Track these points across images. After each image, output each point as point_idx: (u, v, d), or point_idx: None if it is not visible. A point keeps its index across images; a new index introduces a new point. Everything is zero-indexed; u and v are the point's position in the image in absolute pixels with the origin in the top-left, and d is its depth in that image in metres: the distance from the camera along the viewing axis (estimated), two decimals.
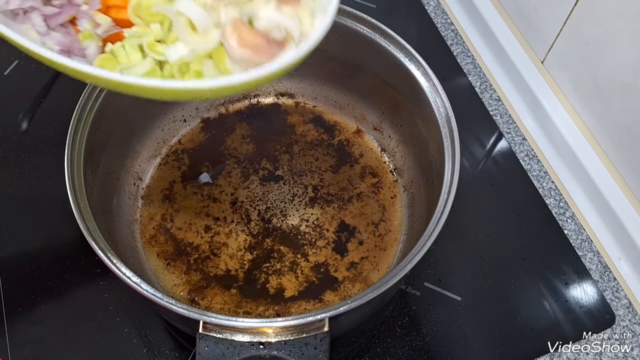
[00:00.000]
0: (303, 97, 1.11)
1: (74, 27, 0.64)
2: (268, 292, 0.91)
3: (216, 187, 1.01)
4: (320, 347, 0.67)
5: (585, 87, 1.05)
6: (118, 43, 0.62)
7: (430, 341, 0.92)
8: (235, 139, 1.07)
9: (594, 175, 1.04)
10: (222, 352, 0.67)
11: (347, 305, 0.68)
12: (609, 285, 1.00)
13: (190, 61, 0.60)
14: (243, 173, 1.03)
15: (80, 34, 0.64)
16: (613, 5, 0.93)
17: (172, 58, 0.59)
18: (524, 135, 1.15)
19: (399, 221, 1.00)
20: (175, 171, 1.03)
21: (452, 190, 0.78)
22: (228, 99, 1.10)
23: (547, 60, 1.14)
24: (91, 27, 0.63)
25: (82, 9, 0.64)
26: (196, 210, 0.98)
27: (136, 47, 0.61)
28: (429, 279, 0.97)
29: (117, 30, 0.64)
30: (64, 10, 0.64)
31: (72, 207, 0.75)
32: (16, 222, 1.00)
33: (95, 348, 0.89)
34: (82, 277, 0.95)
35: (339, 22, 0.94)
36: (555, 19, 1.06)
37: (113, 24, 0.64)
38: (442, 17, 1.31)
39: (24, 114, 1.13)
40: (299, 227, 0.97)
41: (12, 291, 0.94)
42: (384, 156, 1.07)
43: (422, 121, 0.92)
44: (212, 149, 1.06)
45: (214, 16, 0.59)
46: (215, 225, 0.97)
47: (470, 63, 1.24)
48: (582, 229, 1.05)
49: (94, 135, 0.84)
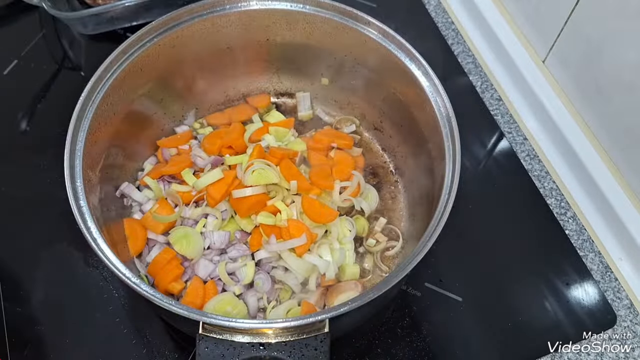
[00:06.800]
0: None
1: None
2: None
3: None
4: (320, 348, 0.67)
5: (586, 86, 1.05)
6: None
7: (430, 342, 0.92)
8: None
9: (596, 176, 1.04)
10: (222, 353, 0.66)
11: (347, 306, 0.68)
12: (610, 286, 0.99)
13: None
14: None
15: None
16: (614, 5, 0.93)
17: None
18: (525, 135, 1.15)
19: (399, 221, 0.99)
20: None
21: (452, 191, 0.78)
22: (228, 99, 1.10)
23: (548, 59, 1.13)
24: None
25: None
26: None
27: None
28: (429, 279, 0.97)
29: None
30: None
31: (72, 207, 0.75)
32: (16, 222, 1.00)
33: (95, 348, 0.89)
34: (82, 278, 0.95)
35: (339, 22, 0.94)
36: (557, 19, 1.06)
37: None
38: (443, 17, 1.31)
39: (23, 113, 1.13)
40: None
41: (12, 291, 0.93)
42: (385, 156, 1.06)
43: (422, 121, 0.91)
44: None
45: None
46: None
47: (471, 62, 1.24)
48: (584, 229, 1.05)
49: (94, 135, 0.84)
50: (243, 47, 1.01)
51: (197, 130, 1.06)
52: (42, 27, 1.24)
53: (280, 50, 1.02)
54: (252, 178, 0.88)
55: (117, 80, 0.87)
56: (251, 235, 0.91)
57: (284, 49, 1.02)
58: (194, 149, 0.99)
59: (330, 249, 0.89)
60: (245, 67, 1.05)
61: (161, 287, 0.86)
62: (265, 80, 1.10)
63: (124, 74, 0.88)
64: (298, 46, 1.01)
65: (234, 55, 1.02)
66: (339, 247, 0.91)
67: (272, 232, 0.88)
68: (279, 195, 0.91)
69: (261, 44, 1.01)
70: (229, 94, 1.09)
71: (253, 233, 0.90)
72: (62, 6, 1.18)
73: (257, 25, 0.97)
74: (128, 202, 0.95)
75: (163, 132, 1.04)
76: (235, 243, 0.91)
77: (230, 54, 1.01)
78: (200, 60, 0.99)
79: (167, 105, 1.02)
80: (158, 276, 0.86)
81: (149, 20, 1.12)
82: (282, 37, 0.99)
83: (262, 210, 0.89)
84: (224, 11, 0.94)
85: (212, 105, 1.09)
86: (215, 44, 0.98)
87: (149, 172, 0.97)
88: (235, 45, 1.00)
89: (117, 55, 0.87)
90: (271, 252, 0.87)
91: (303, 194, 0.92)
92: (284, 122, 1.05)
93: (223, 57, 1.02)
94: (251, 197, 0.88)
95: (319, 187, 0.93)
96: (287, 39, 1.00)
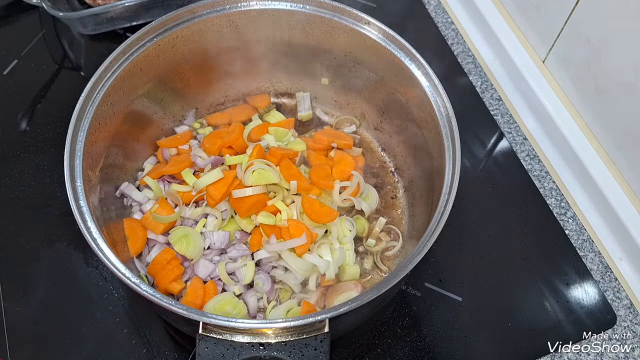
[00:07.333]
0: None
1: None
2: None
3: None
4: (320, 348, 0.67)
5: (586, 86, 1.05)
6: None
7: (430, 342, 0.92)
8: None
9: (595, 175, 1.03)
10: (222, 353, 0.66)
11: (347, 306, 0.68)
12: (610, 286, 0.99)
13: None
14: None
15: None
16: (614, 5, 0.93)
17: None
18: (524, 135, 1.15)
19: (399, 221, 0.99)
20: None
21: (452, 191, 0.78)
22: (228, 99, 1.10)
23: (549, 59, 1.13)
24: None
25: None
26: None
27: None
28: (429, 279, 0.97)
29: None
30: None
31: (72, 207, 0.75)
32: (16, 222, 1.00)
33: (95, 348, 0.89)
34: (82, 278, 0.95)
35: (339, 22, 0.94)
36: (557, 19, 1.06)
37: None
38: (443, 17, 1.31)
39: (23, 113, 1.13)
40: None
41: (12, 291, 0.93)
42: (385, 156, 1.06)
43: (422, 121, 0.91)
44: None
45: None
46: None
47: (471, 63, 1.24)
48: (583, 229, 1.05)
49: (94, 135, 0.84)
50: (243, 47, 1.01)
51: (197, 130, 1.06)
52: (42, 27, 1.24)
53: (280, 50, 1.02)
54: (252, 178, 0.89)
55: (117, 80, 0.87)
56: (251, 235, 0.91)
57: (284, 49, 1.02)
58: (194, 149, 0.99)
59: (330, 249, 0.89)
60: (245, 67, 1.05)
61: (161, 287, 0.86)
62: (265, 80, 1.10)
63: (124, 74, 0.88)
64: (298, 46, 1.01)
65: (234, 55, 1.02)
66: (339, 247, 0.91)
67: (272, 232, 0.88)
68: (279, 195, 0.91)
69: (261, 44, 1.01)
70: (229, 94, 1.09)
71: (253, 233, 0.90)
72: (62, 6, 1.18)
73: (257, 25, 0.97)
74: (128, 202, 0.95)
75: (163, 132, 1.04)
76: (235, 243, 0.91)
77: (230, 54, 1.01)
78: (200, 61, 0.99)
79: (167, 105, 1.02)
80: (158, 276, 0.86)
81: (149, 20, 1.13)
82: (282, 37, 0.99)
83: (262, 210, 0.89)
84: (224, 11, 0.94)
85: (212, 105, 1.09)
86: (215, 44, 0.98)
87: (149, 172, 0.97)
88: (235, 45, 1.00)
89: (117, 55, 0.87)
90: (271, 252, 0.87)
91: (303, 194, 0.92)
92: (284, 122, 1.05)
93: (223, 57, 1.01)
94: (251, 197, 0.88)
95: (319, 187, 0.93)
96: (287, 39, 1.00)
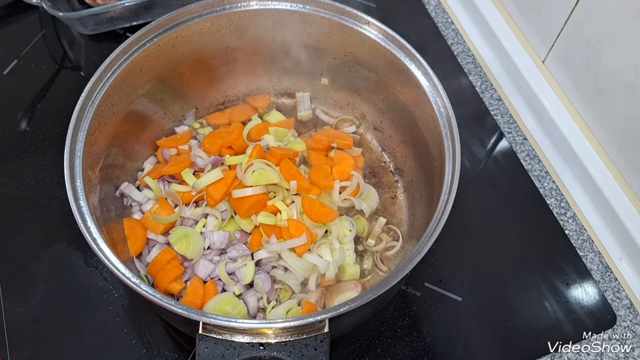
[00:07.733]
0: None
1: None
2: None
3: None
4: (320, 348, 0.67)
5: (586, 86, 1.05)
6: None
7: (430, 342, 0.92)
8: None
9: (595, 175, 1.03)
10: (221, 353, 0.66)
11: (347, 306, 0.68)
12: (610, 286, 0.99)
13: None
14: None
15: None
16: (614, 5, 0.93)
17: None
18: (524, 135, 1.15)
19: (399, 221, 0.99)
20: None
21: (452, 191, 0.78)
22: (228, 99, 1.10)
23: (548, 59, 1.13)
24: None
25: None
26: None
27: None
28: (429, 279, 0.97)
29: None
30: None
31: (72, 207, 0.75)
32: (16, 222, 1.00)
33: (95, 348, 0.89)
34: (82, 278, 0.95)
35: (339, 22, 0.94)
36: (557, 19, 1.06)
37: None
38: (443, 17, 1.31)
39: (23, 113, 1.13)
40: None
41: (12, 291, 0.93)
42: (384, 156, 1.06)
43: (422, 121, 0.91)
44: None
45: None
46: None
47: (471, 63, 1.24)
48: (583, 229, 1.05)
49: (94, 135, 0.84)
50: (243, 47, 1.01)
51: (197, 130, 1.06)
52: (42, 27, 1.24)
53: (280, 50, 1.02)
54: (252, 178, 0.89)
55: (117, 80, 0.87)
56: (251, 235, 0.91)
57: (284, 49, 1.02)
58: (194, 149, 0.99)
59: (330, 249, 0.89)
60: (245, 67, 1.05)
61: (161, 287, 0.86)
62: (265, 80, 1.10)
63: (124, 74, 0.88)
64: (298, 46, 1.01)
65: (234, 55, 1.02)
66: (339, 247, 0.91)
67: (272, 232, 0.88)
68: (279, 195, 0.91)
69: (261, 44, 1.01)
70: (229, 94, 1.09)
71: (253, 233, 0.90)
72: (62, 6, 1.18)
73: (257, 25, 0.97)
74: (128, 202, 0.95)
75: (163, 132, 1.04)
76: (235, 243, 0.91)
77: (230, 54, 1.01)
78: (200, 60, 0.99)
79: (167, 105, 1.02)
80: (158, 276, 0.86)
81: (149, 20, 1.13)
82: (282, 37, 0.99)
83: (262, 210, 0.89)
84: (224, 11, 0.94)
85: (212, 105, 1.09)
86: (215, 44, 0.98)
87: (149, 172, 0.97)
88: (235, 45, 1.00)
89: (117, 55, 0.87)
90: (271, 252, 0.87)
91: (303, 194, 0.92)
92: (284, 122, 1.05)
93: (223, 57, 1.01)
94: (251, 197, 0.88)
95: (319, 187, 0.93)
96: (287, 39, 1.00)
